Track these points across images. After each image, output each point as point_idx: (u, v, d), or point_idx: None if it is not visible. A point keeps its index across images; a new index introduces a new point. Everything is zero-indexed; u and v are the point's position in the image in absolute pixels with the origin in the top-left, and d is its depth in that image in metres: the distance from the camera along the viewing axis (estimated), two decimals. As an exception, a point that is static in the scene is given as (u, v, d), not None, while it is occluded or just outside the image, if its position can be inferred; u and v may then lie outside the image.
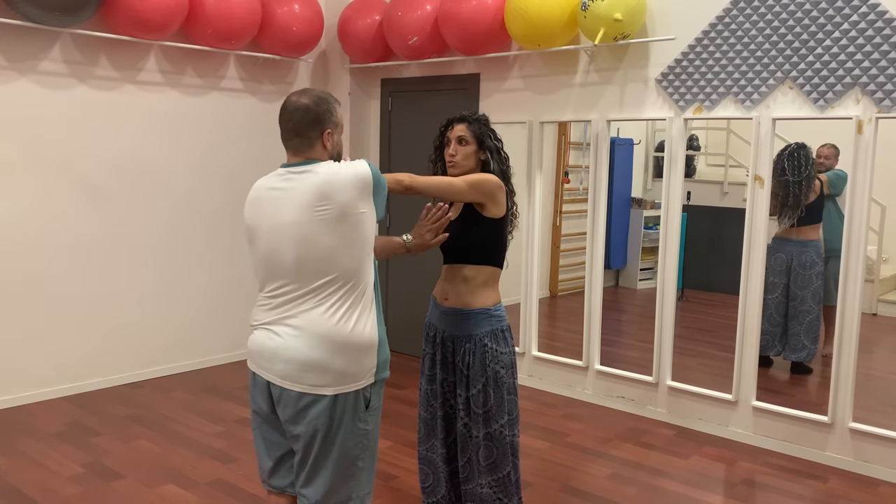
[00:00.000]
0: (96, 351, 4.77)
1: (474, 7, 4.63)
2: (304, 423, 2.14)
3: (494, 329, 2.64)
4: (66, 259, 4.59)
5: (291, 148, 2.18)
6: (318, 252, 2.08)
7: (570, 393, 4.79)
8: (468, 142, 2.64)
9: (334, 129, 2.18)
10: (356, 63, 5.58)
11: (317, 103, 2.15)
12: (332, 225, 2.06)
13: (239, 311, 5.29)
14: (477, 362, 2.61)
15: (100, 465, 3.66)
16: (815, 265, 4.74)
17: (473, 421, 2.64)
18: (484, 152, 2.67)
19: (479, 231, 2.61)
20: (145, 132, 4.88)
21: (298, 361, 2.11)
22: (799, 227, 4.75)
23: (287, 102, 2.18)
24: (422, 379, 2.81)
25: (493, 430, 2.64)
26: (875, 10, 3.57)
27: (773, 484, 3.62)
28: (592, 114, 4.57)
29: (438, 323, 2.73)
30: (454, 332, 2.67)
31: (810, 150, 4.66)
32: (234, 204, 5.29)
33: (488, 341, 2.62)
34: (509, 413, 2.66)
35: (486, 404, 2.62)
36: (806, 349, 4.78)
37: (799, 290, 4.78)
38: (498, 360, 2.63)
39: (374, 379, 2.20)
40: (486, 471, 2.65)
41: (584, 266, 4.69)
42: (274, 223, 2.13)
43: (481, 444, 2.64)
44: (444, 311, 2.69)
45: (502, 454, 2.66)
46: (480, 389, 2.61)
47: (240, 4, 4.83)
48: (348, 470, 2.19)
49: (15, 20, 4.14)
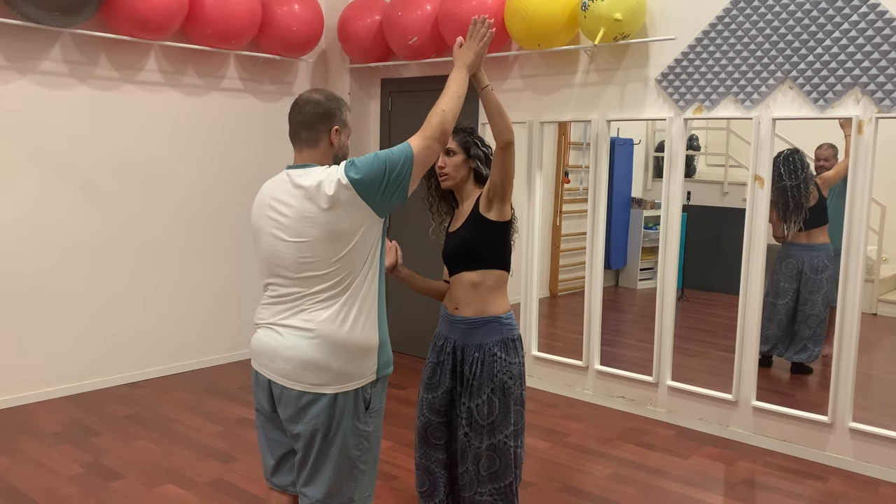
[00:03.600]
0: (96, 351, 4.77)
1: (474, 7, 4.63)
2: (304, 422, 2.14)
3: (505, 338, 2.60)
4: (66, 259, 4.59)
5: (299, 142, 2.20)
6: (315, 254, 2.09)
7: (570, 393, 4.79)
8: (455, 152, 2.61)
9: (342, 127, 2.21)
10: (356, 63, 5.58)
11: (328, 99, 2.20)
12: (324, 227, 2.07)
13: (239, 311, 5.29)
14: (484, 372, 2.56)
15: (100, 465, 3.66)
16: (826, 269, 4.71)
17: (475, 431, 2.58)
18: (473, 161, 2.64)
19: (484, 235, 2.58)
20: (145, 132, 4.89)
21: (298, 360, 2.12)
22: (807, 231, 4.75)
23: (299, 97, 2.23)
24: (420, 387, 2.78)
25: (497, 441, 2.57)
26: (875, 10, 3.57)
27: (773, 484, 3.62)
28: (592, 114, 4.57)
29: (449, 333, 2.68)
30: (465, 341, 2.62)
31: (804, 154, 4.67)
32: (236, 204, 5.32)
33: (498, 350, 2.57)
34: (514, 424, 2.61)
35: (490, 415, 2.56)
36: (809, 350, 4.78)
37: (809, 295, 4.77)
38: (507, 370, 2.57)
39: (375, 377, 2.20)
40: (486, 479, 2.61)
41: (584, 266, 4.69)
42: (273, 224, 2.16)
43: (483, 455, 2.59)
44: (456, 320, 2.64)
45: (505, 464, 2.61)
46: (485, 400, 2.55)
47: (240, 4, 4.83)
48: (349, 471, 2.19)
49: (15, 20, 4.14)
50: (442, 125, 2.16)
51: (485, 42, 2.35)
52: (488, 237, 2.58)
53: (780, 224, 4.71)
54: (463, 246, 2.58)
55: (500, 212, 2.57)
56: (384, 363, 2.22)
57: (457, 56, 2.36)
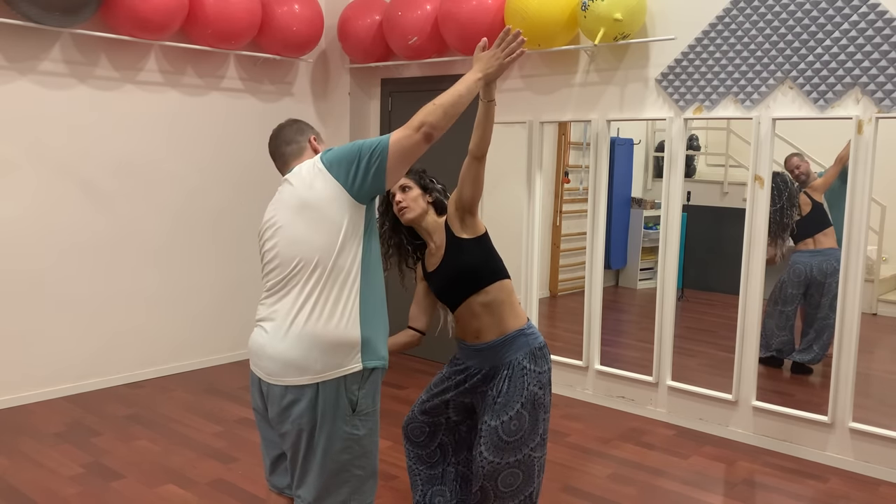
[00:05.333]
0: (97, 351, 4.77)
1: (474, 7, 4.63)
2: (289, 421, 2.14)
3: (532, 348, 2.53)
4: (67, 259, 4.59)
5: (285, 157, 2.32)
6: (302, 241, 2.11)
7: (570, 393, 4.79)
8: (410, 188, 2.55)
9: (318, 136, 2.38)
10: (356, 63, 5.58)
11: (296, 121, 2.39)
12: (299, 212, 2.13)
13: (239, 311, 5.29)
14: (513, 387, 2.48)
15: (100, 465, 3.66)
16: (835, 272, 4.68)
17: (496, 449, 2.47)
18: (430, 194, 2.59)
19: (471, 255, 2.52)
20: (146, 132, 4.89)
21: (280, 358, 2.11)
22: (813, 238, 4.77)
23: (273, 132, 2.38)
24: (423, 394, 2.77)
25: (522, 456, 2.50)
26: (875, 10, 3.57)
27: (773, 484, 3.62)
28: (592, 114, 4.57)
29: (474, 362, 2.60)
30: (494, 363, 2.55)
31: (786, 175, 4.70)
32: (236, 204, 5.32)
33: (527, 363, 2.50)
34: (542, 433, 2.54)
35: (519, 430, 2.48)
36: (813, 353, 4.78)
37: (819, 298, 4.78)
38: (537, 380, 2.51)
39: (360, 366, 2.13)
40: (507, 496, 2.53)
41: (584, 266, 4.69)
42: (275, 222, 2.22)
43: (503, 471, 2.49)
44: (480, 348, 2.56)
45: (528, 477, 2.54)
46: (514, 416, 2.47)
47: (240, 4, 4.83)
48: (339, 475, 2.15)
49: (15, 20, 4.14)
50: (426, 117, 2.07)
51: (512, 58, 2.22)
52: (476, 255, 2.52)
53: (771, 246, 4.71)
54: (457, 274, 2.52)
55: (474, 227, 2.52)
56: (370, 357, 2.15)
57: (477, 59, 2.24)
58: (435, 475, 2.79)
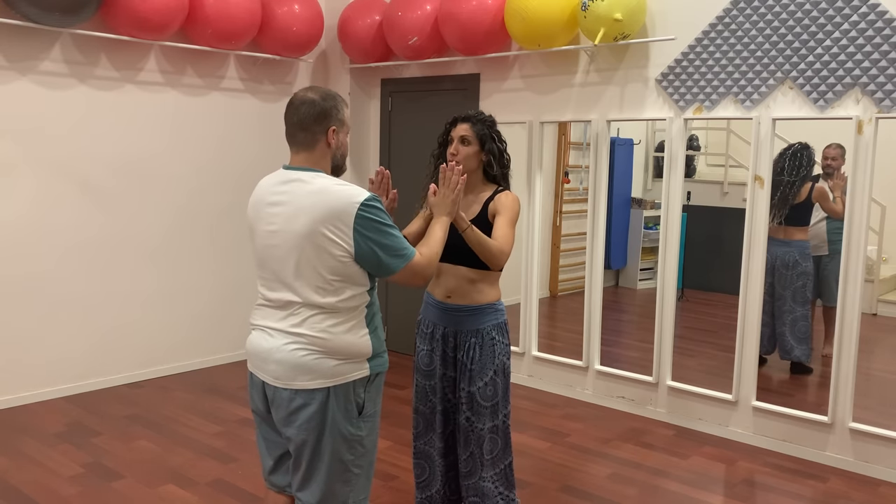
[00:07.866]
0: (97, 351, 4.77)
1: (474, 7, 4.63)
2: (296, 426, 2.13)
3: (499, 322, 2.71)
4: (67, 259, 4.59)
5: (295, 144, 2.17)
6: (308, 261, 2.07)
7: (570, 393, 4.79)
8: (470, 142, 2.66)
9: (340, 126, 2.17)
10: (356, 63, 5.58)
11: (324, 98, 2.14)
12: (306, 237, 2.05)
13: (239, 312, 5.29)
14: (485, 355, 2.65)
15: (100, 465, 3.66)
16: (797, 265, 4.74)
17: (477, 414, 2.67)
18: (486, 154, 2.67)
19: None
20: (146, 132, 4.88)
21: (289, 363, 2.11)
22: (786, 227, 4.75)
23: (294, 97, 2.17)
24: (417, 375, 2.82)
25: (498, 422, 2.69)
26: (875, 10, 3.57)
27: (773, 484, 3.62)
28: (592, 114, 4.57)
29: (439, 320, 2.73)
30: (458, 328, 2.69)
31: (813, 152, 4.66)
32: (236, 204, 5.31)
33: (496, 334, 2.68)
34: (509, 404, 2.75)
35: (494, 397, 2.67)
36: (796, 348, 4.77)
37: (782, 290, 4.79)
38: (505, 351, 2.70)
39: (368, 372, 2.17)
40: (489, 464, 2.70)
41: (584, 266, 4.69)
42: (267, 228, 2.15)
43: (486, 437, 2.68)
44: (449, 308, 2.70)
45: (504, 444, 2.73)
46: (488, 381, 2.66)
47: (240, 4, 4.83)
48: (342, 475, 2.17)
49: (15, 20, 4.14)
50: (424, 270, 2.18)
51: (458, 189, 2.37)
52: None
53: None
54: (466, 245, 2.56)
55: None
56: (378, 361, 2.21)
57: (433, 205, 2.39)
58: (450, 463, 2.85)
